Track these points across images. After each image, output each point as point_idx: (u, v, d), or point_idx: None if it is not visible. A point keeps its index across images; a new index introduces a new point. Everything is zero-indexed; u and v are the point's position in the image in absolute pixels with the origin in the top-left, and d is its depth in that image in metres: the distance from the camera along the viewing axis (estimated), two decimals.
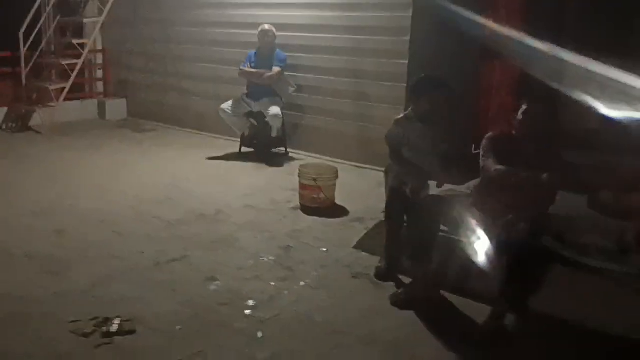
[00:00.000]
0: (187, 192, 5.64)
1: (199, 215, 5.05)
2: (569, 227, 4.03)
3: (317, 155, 6.94)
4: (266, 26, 6.81)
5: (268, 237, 4.59)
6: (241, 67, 6.91)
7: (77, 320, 3.23)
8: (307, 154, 7.11)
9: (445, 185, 4.76)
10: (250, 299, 3.62)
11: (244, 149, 7.15)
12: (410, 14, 5.98)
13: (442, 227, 3.83)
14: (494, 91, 6.79)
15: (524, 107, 3.47)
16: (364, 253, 4.31)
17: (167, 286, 3.75)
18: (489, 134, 3.60)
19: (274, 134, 6.88)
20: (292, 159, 7.00)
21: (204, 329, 3.26)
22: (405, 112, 3.91)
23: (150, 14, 8.72)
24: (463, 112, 5.92)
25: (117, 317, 3.27)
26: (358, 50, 6.56)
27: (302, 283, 3.86)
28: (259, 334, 3.24)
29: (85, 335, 3.11)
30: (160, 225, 4.81)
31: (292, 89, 6.99)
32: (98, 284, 3.73)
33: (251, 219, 4.98)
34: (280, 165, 6.69)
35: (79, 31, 8.97)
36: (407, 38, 6.09)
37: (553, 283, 3.56)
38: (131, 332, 3.16)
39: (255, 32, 6.88)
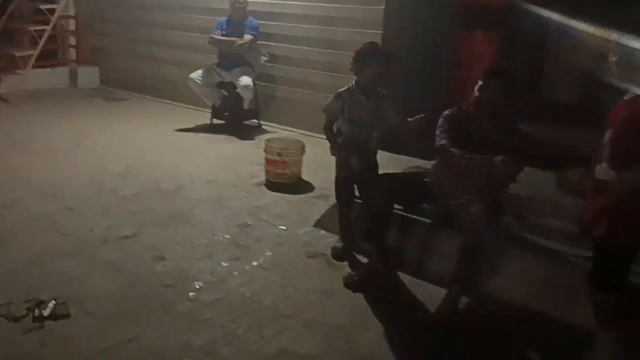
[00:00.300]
0: (150, 165, 5.46)
1: (159, 189, 4.87)
2: (532, 207, 3.88)
3: (291, 128, 6.74)
4: None
5: (227, 214, 4.43)
6: (211, 35, 6.67)
7: (9, 303, 3.07)
8: (280, 126, 6.92)
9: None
10: (198, 280, 3.47)
11: (215, 121, 6.95)
12: None
13: (397, 206, 3.69)
14: (475, 62, 6.60)
15: (479, 82, 3.29)
16: (322, 231, 4.16)
17: (112, 266, 3.59)
18: (446, 112, 3.43)
19: (245, 105, 6.67)
20: (265, 131, 6.81)
21: (143, 313, 3.11)
22: (349, 85, 3.72)
23: None
24: (435, 84, 5.75)
25: (53, 299, 3.11)
26: (332, 19, 6.32)
27: (254, 263, 3.71)
28: (201, 318, 3.09)
29: (16, 319, 2.95)
30: (115, 199, 4.64)
31: (264, 59, 6.76)
32: (37, 262, 3.56)
33: (212, 194, 4.81)
34: (251, 138, 6.49)
35: None
36: (382, 7, 5.85)
37: (511, 267, 3.42)
38: (65, 316, 3.01)
39: None
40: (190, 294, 3.31)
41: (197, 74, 6.69)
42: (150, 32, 8.29)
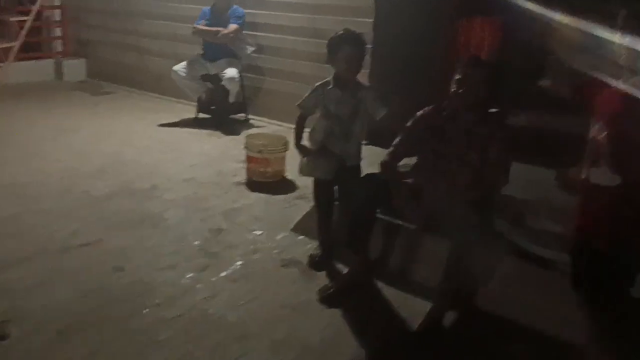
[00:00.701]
0: (127, 163, 5.16)
1: (132, 189, 4.57)
2: (529, 210, 3.56)
3: (280, 122, 6.43)
4: None
5: (201, 217, 4.12)
6: (195, 25, 6.35)
7: None
8: (269, 120, 6.61)
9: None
10: (158, 294, 3.16)
11: (200, 115, 6.64)
12: None
13: (381, 210, 3.37)
14: (474, 49, 6.26)
15: (457, 75, 2.95)
16: (301, 237, 3.85)
17: (68, 276, 3.29)
18: (419, 113, 3.10)
19: (231, 98, 6.36)
20: (252, 125, 6.51)
21: (94, 331, 2.82)
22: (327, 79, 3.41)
23: None
24: (430, 73, 5.42)
25: None
26: (320, 7, 5.99)
27: (222, 274, 3.40)
28: (156, 338, 2.79)
29: None
30: (85, 200, 4.34)
31: (251, 49, 6.44)
32: None
33: (188, 194, 4.51)
34: (237, 133, 6.17)
35: None
36: None
37: (503, 278, 3.11)
38: (3, 337, 2.71)
39: None
40: (147, 310, 3.01)
41: (180, 67, 6.39)
42: (137, 22, 7.98)
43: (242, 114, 6.67)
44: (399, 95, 4.51)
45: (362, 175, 3.44)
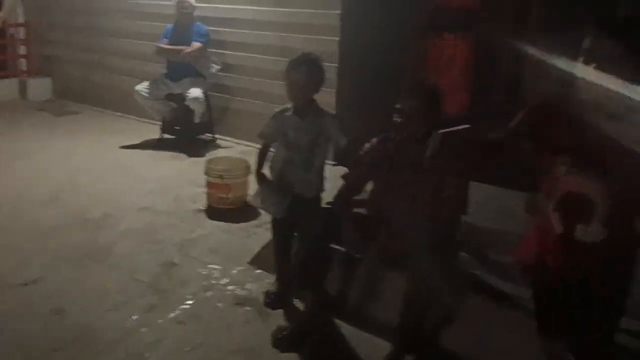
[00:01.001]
0: (80, 190, 4.90)
1: (82, 219, 4.32)
2: (492, 240, 3.36)
3: (247, 142, 6.19)
4: None
5: (153, 250, 3.88)
6: (157, 44, 6.12)
7: None
8: (236, 140, 6.38)
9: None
10: (98, 340, 2.92)
11: (165, 136, 6.40)
12: None
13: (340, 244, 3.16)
14: (444, 68, 6.10)
15: (398, 105, 2.73)
16: (258, 271, 3.62)
17: (1, 323, 3.03)
18: (366, 145, 2.88)
19: (196, 119, 6.13)
20: (218, 146, 6.28)
21: None
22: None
23: None
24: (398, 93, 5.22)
25: None
26: (286, 25, 5.79)
27: (171, 314, 3.16)
28: None
29: None
30: (30, 233, 4.08)
31: (216, 68, 6.22)
32: None
33: (142, 224, 4.26)
34: (202, 154, 5.93)
35: None
36: (338, 12, 5.34)
37: (466, 316, 2.90)
38: None
39: None
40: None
41: (142, 86, 6.15)
42: (102, 40, 7.73)
43: (209, 134, 6.44)
44: (366, 114, 4.32)
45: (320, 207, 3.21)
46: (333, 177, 3.30)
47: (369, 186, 3.01)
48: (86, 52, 7.95)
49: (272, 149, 3.25)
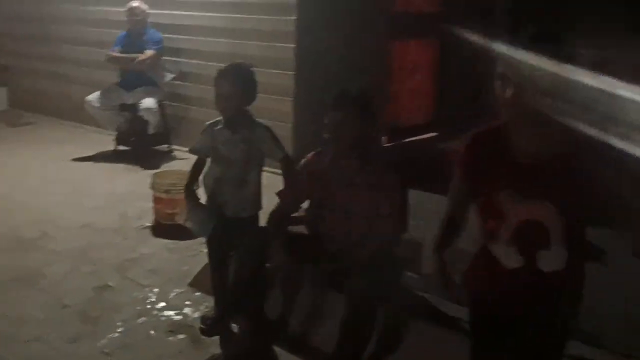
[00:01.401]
0: (19, 206, 4.65)
1: (16, 238, 4.07)
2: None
3: None
4: (134, 3, 5.77)
5: (88, 272, 3.65)
6: (108, 52, 5.88)
7: None
8: None
9: None
10: None
11: (120, 147, 6.15)
12: None
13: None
14: (406, 74, 5.94)
15: (325, 119, 2.54)
16: (198, 293, 3.40)
17: None
18: (303, 160, 2.70)
19: (151, 129, 5.90)
20: (174, 158, 6.04)
21: None
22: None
23: None
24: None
25: None
26: (240, 32, 5.59)
27: (97, 344, 2.93)
28: None
29: None
30: None
31: (170, 76, 6.01)
32: None
33: (80, 243, 4.02)
34: (156, 167, 5.67)
35: None
36: (294, 17, 5.14)
37: (413, 343, 2.70)
38: None
39: None
40: None
41: (94, 96, 5.90)
42: (56, 48, 7.47)
43: (165, 145, 6.21)
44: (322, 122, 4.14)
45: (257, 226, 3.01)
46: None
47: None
48: (41, 60, 7.68)
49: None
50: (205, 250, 3.79)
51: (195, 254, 3.90)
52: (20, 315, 3.15)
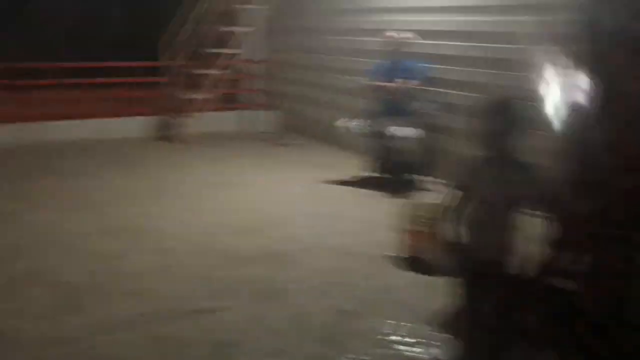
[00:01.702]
0: (274, 224, 4.88)
1: (265, 254, 4.22)
2: None
3: None
4: (399, 33, 5.83)
5: (333, 294, 3.58)
6: (370, 81, 6.00)
7: None
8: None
9: None
10: None
11: (375, 174, 6.18)
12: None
13: None
14: None
15: None
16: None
17: (169, 349, 2.95)
18: None
19: (408, 158, 5.83)
20: (427, 190, 5.85)
21: None
22: None
23: (298, 22, 8.32)
24: None
25: None
26: (513, 62, 5.24)
27: None
28: None
29: None
30: (221, 261, 4.08)
31: (432, 107, 5.90)
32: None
33: (330, 265, 4.01)
34: (409, 197, 5.50)
35: (225, 41, 8.61)
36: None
37: None
38: None
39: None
40: None
41: (353, 122, 6.07)
42: (330, 77, 7.89)
43: (420, 176, 6.07)
44: None
45: None
46: None
47: None
48: (314, 88, 8.20)
49: None
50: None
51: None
52: (274, 326, 3.20)
